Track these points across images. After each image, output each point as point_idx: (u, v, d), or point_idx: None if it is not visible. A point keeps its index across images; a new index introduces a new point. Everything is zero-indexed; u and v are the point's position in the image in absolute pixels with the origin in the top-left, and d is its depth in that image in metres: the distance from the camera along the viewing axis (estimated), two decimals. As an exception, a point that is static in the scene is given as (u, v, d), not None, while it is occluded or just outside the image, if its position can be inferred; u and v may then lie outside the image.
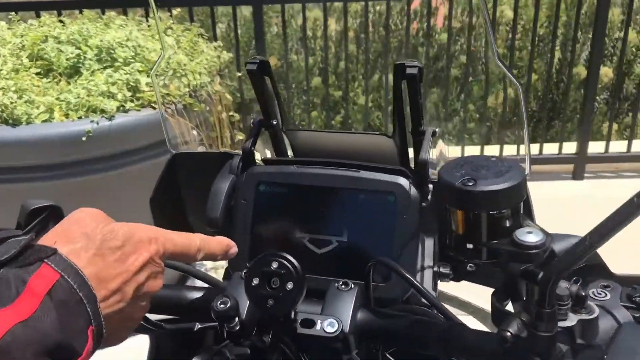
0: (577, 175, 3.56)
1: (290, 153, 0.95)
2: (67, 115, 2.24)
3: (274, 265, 0.63)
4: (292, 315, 0.66)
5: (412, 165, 0.89)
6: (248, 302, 0.70)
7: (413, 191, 0.78)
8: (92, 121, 2.21)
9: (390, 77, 0.78)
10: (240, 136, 2.82)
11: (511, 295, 0.58)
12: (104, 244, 0.54)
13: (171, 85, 2.45)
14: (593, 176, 3.64)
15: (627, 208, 0.42)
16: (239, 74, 3.19)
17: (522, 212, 0.58)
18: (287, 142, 0.93)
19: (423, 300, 0.80)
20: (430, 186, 0.83)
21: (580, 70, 4.27)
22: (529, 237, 0.54)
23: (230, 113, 2.75)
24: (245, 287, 0.64)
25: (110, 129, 2.28)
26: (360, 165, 0.80)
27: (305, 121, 4.10)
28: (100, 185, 2.32)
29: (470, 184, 0.54)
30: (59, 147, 2.20)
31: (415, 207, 0.78)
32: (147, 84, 2.40)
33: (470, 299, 0.95)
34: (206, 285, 0.78)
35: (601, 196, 3.36)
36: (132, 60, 2.47)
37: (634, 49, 4.62)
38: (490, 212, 0.55)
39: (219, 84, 2.63)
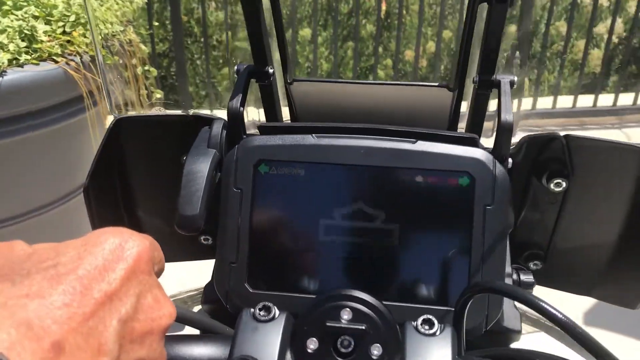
0: None
1: (287, 117, 0.66)
2: (-57, 71, 1.82)
3: (346, 316, 0.36)
4: None
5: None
6: None
7: (499, 170, 0.53)
8: (-23, 78, 1.81)
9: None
10: (158, 94, 2.46)
11: None
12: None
13: (74, 32, 2.05)
14: None
15: None
16: (156, 23, 2.80)
17: None
18: (284, 100, 0.65)
19: (507, 327, 0.56)
20: (510, 161, 0.58)
21: None
22: None
23: (146, 67, 2.38)
24: (294, 354, 0.37)
25: (2, 87, 1.88)
26: (416, 133, 0.54)
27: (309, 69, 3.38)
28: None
29: None
30: None
31: (503, 192, 0.53)
32: (45, 32, 2.00)
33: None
34: (195, 331, 0.49)
35: None
36: (25, 4, 2.05)
37: None
38: None
39: (132, 33, 2.26)
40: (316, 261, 0.53)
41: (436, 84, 0.59)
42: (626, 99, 3.28)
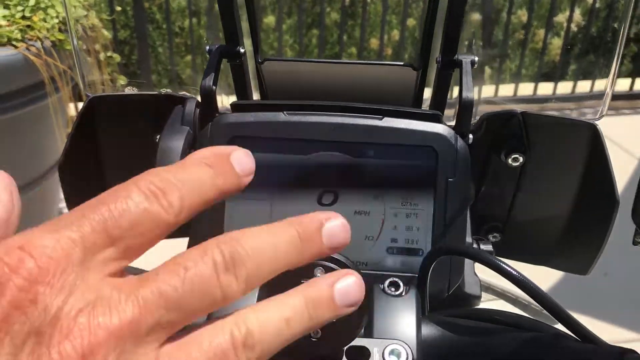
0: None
1: (256, 95, 0.68)
2: None
3: (319, 274, 0.39)
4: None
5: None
6: None
7: (460, 144, 0.56)
8: None
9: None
10: (122, 80, 2.44)
11: None
12: None
13: (34, 17, 2.02)
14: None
15: None
16: (119, 8, 2.76)
17: None
18: (254, 80, 0.67)
19: (468, 292, 0.60)
20: (471, 136, 0.61)
21: None
22: None
23: (109, 53, 2.36)
24: None
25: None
26: (382, 110, 0.57)
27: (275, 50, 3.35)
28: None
29: None
30: None
31: (464, 165, 0.56)
32: (4, 16, 1.96)
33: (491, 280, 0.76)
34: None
35: None
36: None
37: None
38: None
39: (95, 19, 2.23)
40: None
41: (401, 63, 0.62)
42: (585, 86, 3.40)
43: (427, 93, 0.69)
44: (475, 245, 0.62)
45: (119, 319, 0.25)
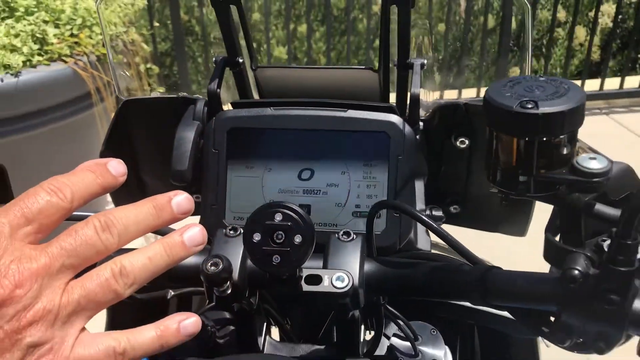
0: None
1: (255, 95, 0.85)
2: (-36, 72, 2.00)
3: (278, 217, 0.54)
4: (297, 273, 0.58)
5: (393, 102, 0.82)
6: (239, 262, 0.62)
7: (407, 129, 0.71)
8: (-5, 78, 1.99)
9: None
10: (161, 90, 2.65)
11: (567, 230, 0.52)
12: None
13: (81, 34, 2.23)
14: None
15: None
16: (157, 24, 2.98)
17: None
18: (253, 83, 0.83)
19: (420, 248, 0.75)
20: (421, 124, 0.76)
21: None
22: (592, 163, 0.48)
23: (148, 65, 2.56)
24: (245, 244, 0.55)
25: (17, 86, 2.06)
26: (346, 104, 0.72)
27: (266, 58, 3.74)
28: (6, 150, 2.10)
29: (530, 106, 0.47)
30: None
31: (411, 146, 0.71)
32: (55, 35, 2.18)
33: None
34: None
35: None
36: (35, 10, 2.23)
37: None
38: (551, 138, 0.48)
39: (134, 34, 2.44)
40: (270, 197, 0.72)
41: (364, 67, 0.77)
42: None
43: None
44: (428, 211, 0.77)
45: (37, 264, 0.41)
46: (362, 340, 0.73)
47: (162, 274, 0.46)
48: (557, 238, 0.54)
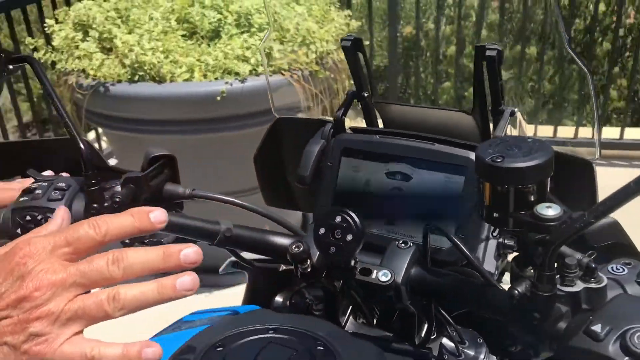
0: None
1: (380, 124, 1.03)
2: (205, 76, 2.45)
3: (338, 219, 0.73)
4: (353, 264, 0.75)
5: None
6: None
7: None
8: (226, 82, 2.40)
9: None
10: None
11: (529, 261, 0.63)
12: None
13: (299, 52, 2.58)
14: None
15: (624, 190, 0.47)
16: (367, 43, 3.26)
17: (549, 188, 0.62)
18: (378, 114, 1.01)
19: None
20: None
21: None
22: (548, 211, 0.59)
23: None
24: (314, 235, 0.74)
25: (243, 90, 2.46)
26: (436, 139, 0.87)
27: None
28: (229, 142, 2.52)
29: (499, 160, 0.60)
30: (196, 104, 2.42)
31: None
32: (278, 50, 2.55)
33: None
34: (287, 232, 0.89)
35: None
36: (267, 27, 2.63)
37: None
38: (516, 186, 0.60)
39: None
40: (362, 206, 0.90)
41: (457, 109, 0.91)
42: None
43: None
44: (501, 239, 0.88)
45: (56, 277, 0.53)
46: (422, 335, 0.87)
47: (262, 250, 0.66)
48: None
